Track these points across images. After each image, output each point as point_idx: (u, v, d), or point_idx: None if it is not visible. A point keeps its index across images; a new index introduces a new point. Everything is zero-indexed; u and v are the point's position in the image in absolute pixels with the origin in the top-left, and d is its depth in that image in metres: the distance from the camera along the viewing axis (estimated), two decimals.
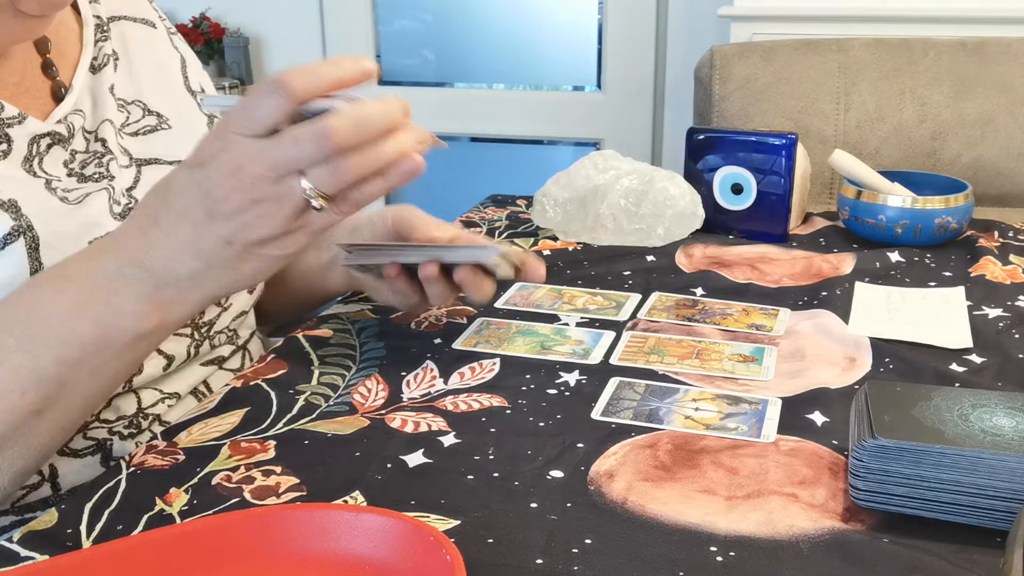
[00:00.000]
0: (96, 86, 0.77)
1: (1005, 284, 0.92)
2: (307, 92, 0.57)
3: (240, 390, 0.71)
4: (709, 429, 0.65)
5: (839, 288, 0.91)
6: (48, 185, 0.69)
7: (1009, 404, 0.57)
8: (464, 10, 2.94)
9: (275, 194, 0.57)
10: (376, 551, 0.50)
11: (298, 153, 0.56)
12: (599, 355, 0.77)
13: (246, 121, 0.57)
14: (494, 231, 1.10)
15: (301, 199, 0.57)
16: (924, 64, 1.70)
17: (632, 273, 0.96)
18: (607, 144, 2.83)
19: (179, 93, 0.84)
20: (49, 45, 0.75)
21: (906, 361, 0.75)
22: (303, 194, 0.57)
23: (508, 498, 0.57)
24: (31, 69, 0.74)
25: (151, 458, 0.62)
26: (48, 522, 0.55)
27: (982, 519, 0.52)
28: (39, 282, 0.62)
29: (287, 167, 0.57)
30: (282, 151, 0.56)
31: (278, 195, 0.57)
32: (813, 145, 1.62)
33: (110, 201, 0.72)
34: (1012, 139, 1.64)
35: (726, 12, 2.16)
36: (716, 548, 0.52)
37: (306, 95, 0.57)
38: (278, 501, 0.57)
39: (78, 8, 0.80)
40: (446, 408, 0.68)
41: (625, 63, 2.77)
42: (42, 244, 0.66)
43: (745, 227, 1.08)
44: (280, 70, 0.57)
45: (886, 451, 0.53)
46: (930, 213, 1.01)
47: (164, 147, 0.79)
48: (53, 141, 0.72)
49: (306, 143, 0.56)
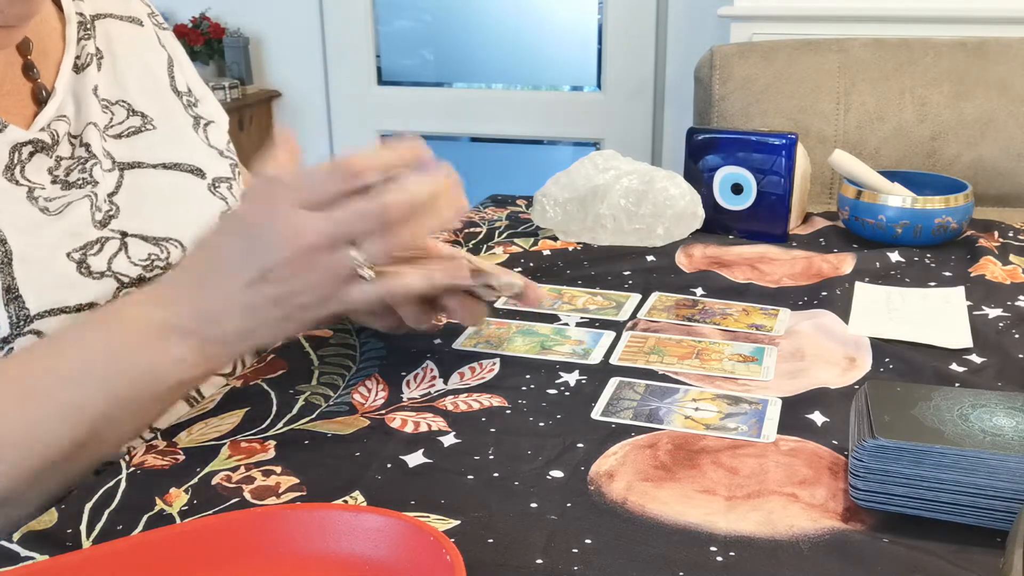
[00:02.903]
0: (79, 87, 0.76)
1: (1005, 284, 0.92)
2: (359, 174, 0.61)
3: (240, 390, 0.71)
4: (709, 429, 0.65)
5: (839, 288, 0.91)
6: (30, 194, 0.69)
7: (1009, 404, 0.57)
8: (463, 10, 2.95)
9: (328, 263, 0.61)
10: (376, 551, 0.50)
11: (356, 226, 0.60)
12: (599, 355, 0.77)
13: (307, 194, 0.60)
14: (494, 231, 1.10)
15: (350, 268, 0.61)
16: (924, 64, 1.70)
17: (632, 273, 0.96)
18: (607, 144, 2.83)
19: (164, 93, 0.84)
20: (31, 46, 0.75)
21: (906, 361, 0.75)
22: (353, 263, 0.61)
23: (508, 498, 0.57)
24: (11, 72, 0.73)
25: (151, 458, 0.62)
26: (48, 522, 0.55)
27: (982, 519, 0.52)
28: (92, 322, 0.65)
29: (344, 238, 0.60)
30: (342, 224, 0.60)
31: (331, 264, 0.61)
32: (813, 145, 1.62)
33: (92, 208, 0.72)
34: (1012, 139, 1.64)
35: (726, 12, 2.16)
36: (716, 548, 0.52)
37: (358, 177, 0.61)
38: (278, 501, 0.57)
39: (61, 5, 0.79)
40: (446, 408, 0.68)
41: (625, 63, 2.77)
42: (16, 258, 0.66)
43: (745, 227, 1.08)
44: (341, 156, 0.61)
45: (886, 451, 0.53)
46: (930, 213, 1.01)
47: (148, 149, 0.79)
48: (35, 149, 0.71)
49: (364, 217, 0.60)
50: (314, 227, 0.60)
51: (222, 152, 0.86)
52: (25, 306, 0.65)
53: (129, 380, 0.62)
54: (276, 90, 3.05)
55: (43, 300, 0.66)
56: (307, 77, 3.03)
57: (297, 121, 3.06)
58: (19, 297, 0.65)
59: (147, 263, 0.73)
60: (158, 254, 0.74)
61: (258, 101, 2.97)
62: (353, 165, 0.60)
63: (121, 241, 0.73)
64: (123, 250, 0.72)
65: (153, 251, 0.74)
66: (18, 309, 0.65)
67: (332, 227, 0.60)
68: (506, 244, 1.05)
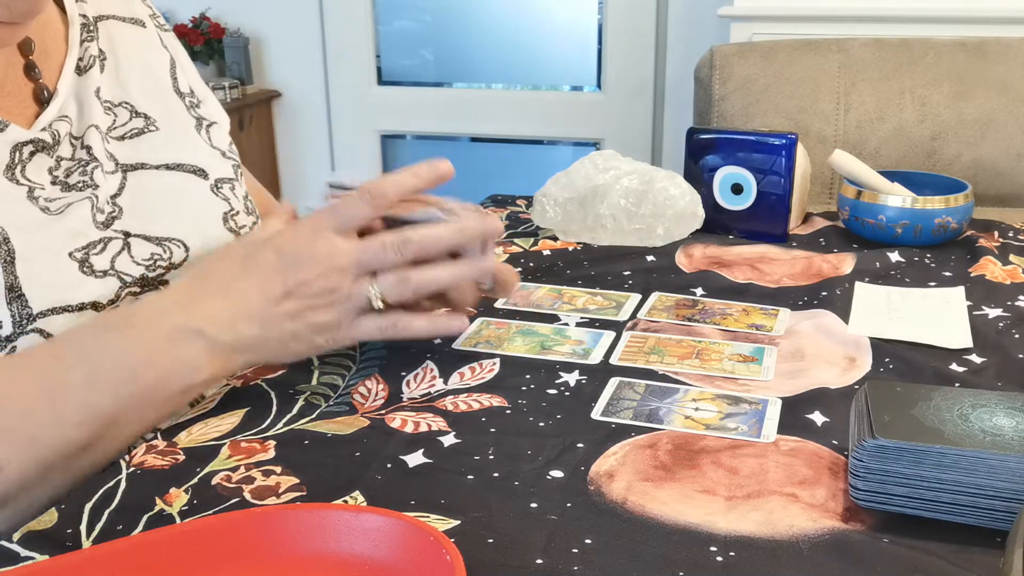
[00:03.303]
0: (82, 89, 0.76)
1: (1005, 284, 0.92)
2: (390, 199, 0.68)
3: (240, 390, 0.71)
4: (709, 429, 0.65)
5: (839, 288, 0.91)
6: (31, 194, 0.69)
7: (1009, 404, 0.57)
8: (463, 10, 2.95)
9: (348, 288, 0.67)
10: (376, 551, 0.50)
11: (381, 256, 0.67)
12: (599, 355, 0.77)
13: (339, 220, 0.67)
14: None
15: (366, 298, 0.67)
16: (924, 64, 1.70)
17: (632, 273, 0.96)
18: (607, 144, 2.83)
19: (167, 95, 0.84)
20: (33, 46, 0.75)
21: (906, 361, 0.75)
22: (368, 293, 0.67)
23: (508, 498, 0.57)
24: (13, 72, 0.73)
25: (151, 458, 0.62)
26: (48, 522, 0.55)
27: (982, 519, 0.52)
28: (106, 325, 0.66)
29: (368, 267, 0.67)
30: (369, 253, 0.67)
31: (350, 290, 0.67)
32: (813, 145, 1.62)
33: (93, 210, 0.72)
34: (1012, 139, 1.64)
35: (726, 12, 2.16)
36: (716, 548, 0.52)
37: (388, 202, 0.68)
38: (278, 501, 0.57)
39: (64, 7, 0.79)
40: (446, 408, 0.68)
41: (625, 63, 2.77)
42: (18, 257, 0.66)
43: (745, 227, 1.08)
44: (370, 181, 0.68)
45: (886, 451, 0.53)
46: (930, 213, 1.01)
47: (151, 151, 0.79)
48: (36, 148, 0.71)
49: (388, 249, 0.67)
50: (346, 251, 0.66)
51: (224, 153, 0.86)
52: (28, 305, 0.65)
53: (140, 384, 0.63)
54: (276, 90, 3.05)
55: (46, 299, 0.66)
56: (307, 77, 3.03)
57: (297, 121, 3.07)
58: (22, 296, 0.65)
59: (150, 263, 0.74)
60: (161, 254, 0.74)
61: (258, 101, 2.97)
62: (376, 189, 0.67)
63: (124, 241, 0.73)
64: (126, 249, 0.72)
65: (156, 251, 0.74)
66: (21, 308, 0.65)
67: (360, 254, 0.66)
68: (506, 244, 1.05)
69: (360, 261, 0.66)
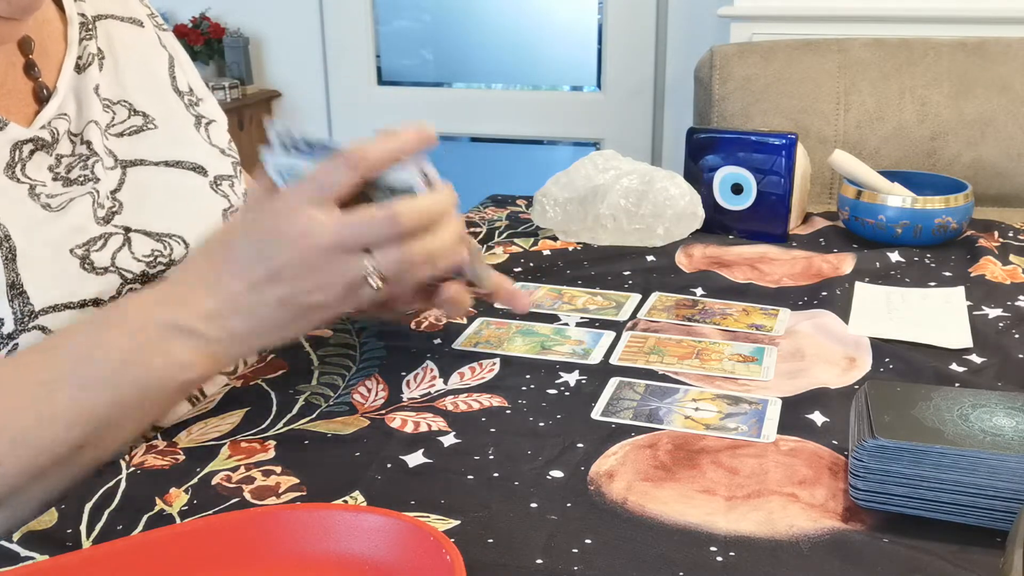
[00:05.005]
0: (81, 87, 0.76)
1: (1005, 284, 0.92)
2: (374, 165, 0.62)
3: (240, 390, 0.71)
4: (709, 429, 0.65)
5: (839, 288, 0.91)
6: (32, 191, 0.69)
7: (1009, 404, 0.57)
8: (463, 10, 2.95)
9: (339, 266, 0.61)
10: (376, 551, 0.50)
11: (369, 232, 0.61)
12: (599, 355, 0.77)
13: (319, 191, 0.61)
14: (494, 231, 1.10)
15: (360, 275, 0.62)
16: (924, 64, 1.70)
17: (632, 273, 0.96)
18: (607, 144, 2.83)
19: (166, 93, 0.84)
20: (32, 45, 0.75)
21: (906, 361, 0.75)
22: (364, 271, 0.61)
23: (508, 498, 0.57)
24: (13, 71, 0.73)
25: (151, 458, 0.62)
26: (48, 522, 0.55)
27: (982, 519, 0.52)
28: (95, 323, 0.65)
29: (356, 243, 0.61)
30: (355, 228, 0.61)
31: (342, 268, 0.61)
32: (813, 145, 1.62)
33: (94, 205, 0.72)
34: (1012, 139, 1.64)
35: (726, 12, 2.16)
36: (716, 548, 0.52)
37: (373, 168, 0.62)
38: (278, 501, 0.57)
39: (62, 6, 0.79)
40: (446, 408, 0.68)
41: (625, 63, 2.77)
42: (20, 255, 0.66)
43: (745, 227, 1.08)
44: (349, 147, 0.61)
45: (886, 451, 0.53)
46: (930, 213, 1.01)
47: (150, 148, 0.79)
48: (36, 147, 0.71)
49: (378, 224, 0.61)
50: (327, 228, 0.61)
51: (223, 150, 0.86)
52: (30, 302, 0.65)
53: (134, 384, 0.62)
54: (276, 90, 3.05)
55: (47, 296, 0.66)
56: (307, 77, 3.03)
57: (297, 121, 3.06)
58: (23, 293, 0.65)
59: (150, 259, 0.74)
60: (161, 250, 0.74)
61: (258, 101, 2.97)
62: (358, 154, 0.61)
63: (124, 237, 0.73)
64: (126, 246, 0.73)
65: (156, 247, 0.74)
66: (22, 305, 0.65)
67: (346, 230, 0.61)
68: (506, 244, 1.05)
69: (347, 237, 0.61)
